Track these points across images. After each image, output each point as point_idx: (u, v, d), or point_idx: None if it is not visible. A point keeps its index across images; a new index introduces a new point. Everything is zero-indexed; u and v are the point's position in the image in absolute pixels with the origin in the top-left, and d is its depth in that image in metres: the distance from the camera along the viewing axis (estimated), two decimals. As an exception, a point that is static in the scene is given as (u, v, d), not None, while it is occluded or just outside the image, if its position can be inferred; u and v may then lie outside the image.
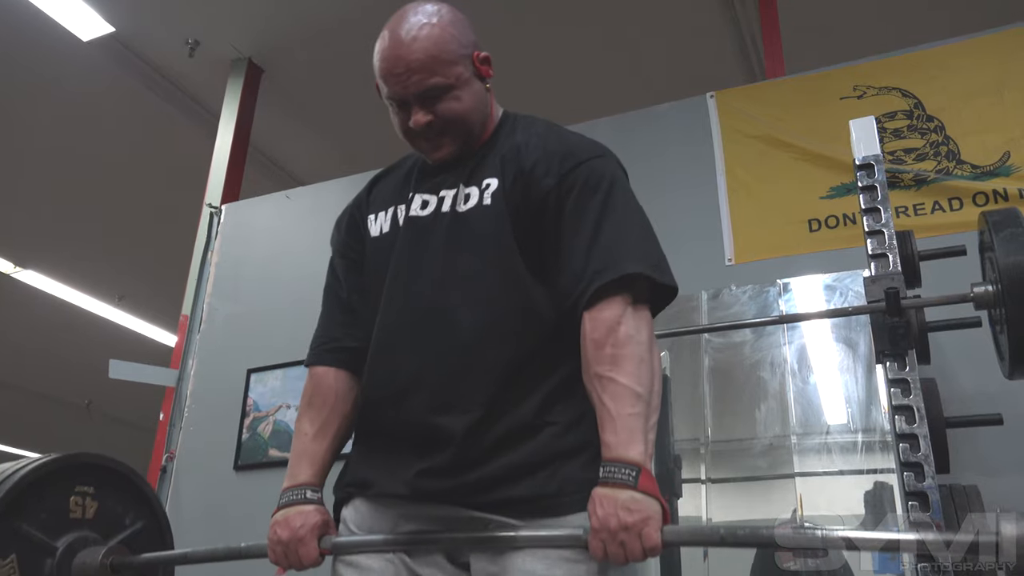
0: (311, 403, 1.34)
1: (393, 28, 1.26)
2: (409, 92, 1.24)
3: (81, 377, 8.31)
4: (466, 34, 1.28)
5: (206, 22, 4.56)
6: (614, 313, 1.14)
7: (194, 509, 3.66)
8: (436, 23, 1.24)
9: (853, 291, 2.57)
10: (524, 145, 1.28)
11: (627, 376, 1.10)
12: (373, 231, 1.35)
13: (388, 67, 1.25)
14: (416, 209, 1.30)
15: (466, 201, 1.26)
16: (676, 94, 3.49)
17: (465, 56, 1.26)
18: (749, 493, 2.63)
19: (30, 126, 5.36)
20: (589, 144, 1.30)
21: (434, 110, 1.24)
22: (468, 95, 1.26)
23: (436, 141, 1.27)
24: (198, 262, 4.24)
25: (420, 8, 1.27)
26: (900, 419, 1.87)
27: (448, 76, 1.23)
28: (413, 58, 1.21)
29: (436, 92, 1.23)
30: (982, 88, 2.87)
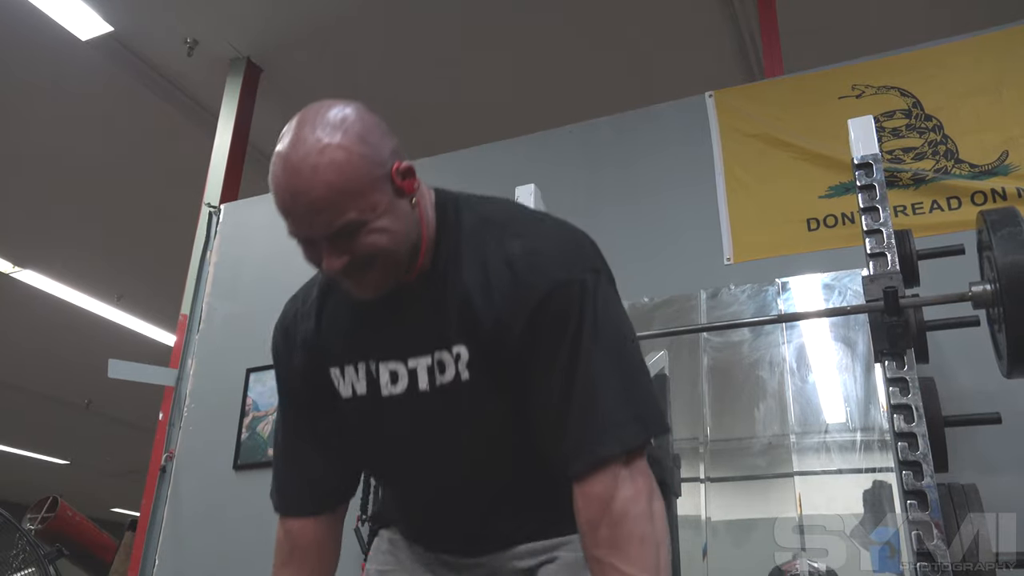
0: (291, 557, 1.22)
1: (288, 151, 1.01)
2: (316, 233, 1.02)
3: (80, 377, 8.31)
4: (381, 147, 1.03)
5: (205, 21, 4.56)
6: (606, 486, 1.01)
7: (193, 509, 3.67)
8: (341, 143, 0.99)
9: (852, 290, 2.57)
10: (480, 291, 1.07)
11: (628, 562, 0.99)
12: (343, 391, 1.18)
13: (286, 204, 1.02)
14: (387, 384, 1.13)
15: (442, 371, 1.10)
16: (675, 93, 3.49)
17: (382, 177, 1.02)
18: (748, 492, 2.64)
19: (29, 125, 5.35)
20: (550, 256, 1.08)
21: (350, 249, 1.02)
22: (391, 223, 1.03)
23: (359, 280, 1.06)
24: (197, 262, 4.24)
25: (320, 119, 1.01)
26: (899, 418, 1.87)
27: (362, 210, 1.00)
28: (316, 194, 0.98)
29: (349, 229, 1.01)
30: (980, 87, 2.87)
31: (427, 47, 4.73)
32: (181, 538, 3.63)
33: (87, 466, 12.60)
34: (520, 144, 3.68)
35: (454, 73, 4.93)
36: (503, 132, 3.82)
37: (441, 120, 5.18)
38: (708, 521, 2.52)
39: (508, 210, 1.17)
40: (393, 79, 4.93)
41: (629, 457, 1.03)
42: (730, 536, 2.53)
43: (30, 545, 3.38)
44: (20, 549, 3.36)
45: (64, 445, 11.95)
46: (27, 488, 10.29)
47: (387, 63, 4.83)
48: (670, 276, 3.04)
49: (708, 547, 2.49)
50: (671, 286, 2.96)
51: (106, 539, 5.29)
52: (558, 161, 3.52)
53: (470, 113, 5.17)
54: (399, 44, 4.70)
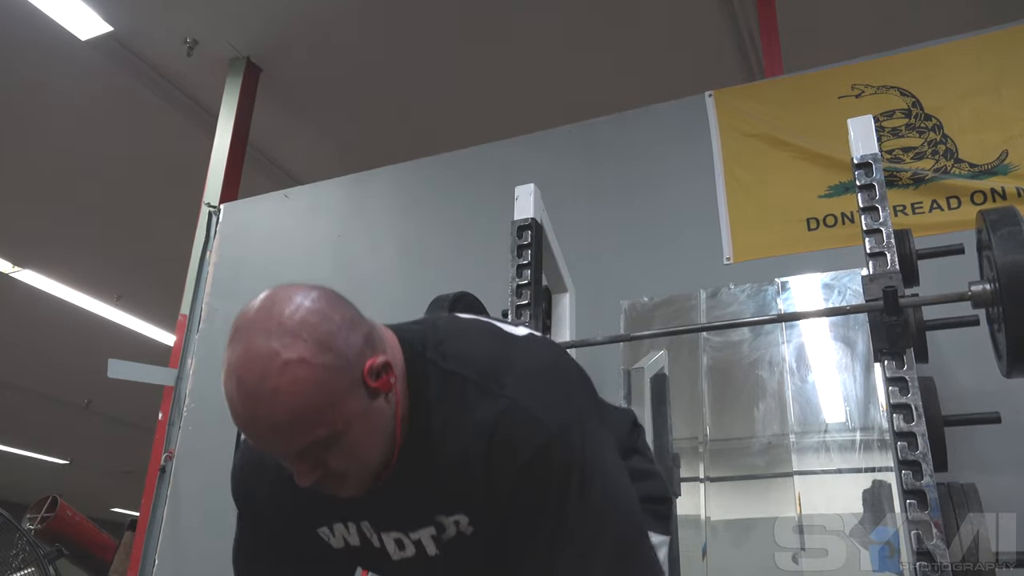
0: None
1: (241, 372, 0.88)
2: (284, 453, 0.92)
3: (80, 377, 8.32)
4: (348, 349, 0.90)
5: (204, 21, 4.56)
6: None
7: (193, 508, 3.67)
8: (303, 356, 0.86)
9: (851, 290, 2.57)
10: (463, 462, 0.98)
11: None
12: (335, 544, 1.11)
13: (245, 427, 0.90)
14: (395, 551, 1.07)
15: (443, 532, 1.04)
16: (674, 93, 3.49)
17: (352, 384, 0.90)
18: (747, 491, 2.64)
19: (28, 125, 5.35)
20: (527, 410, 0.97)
21: (323, 463, 0.93)
22: (365, 432, 0.93)
23: (335, 486, 0.97)
24: (197, 261, 4.24)
25: (274, 324, 0.88)
26: (898, 417, 1.87)
27: (333, 424, 0.90)
28: (279, 420, 0.87)
29: (320, 447, 0.91)
30: (980, 87, 2.87)
31: (426, 47, 4.73)
32: (181, 538, 3.63)
33: (87, 466, 12.60)
34: (519, 144, 3.68)
35: (453, 72, 4.93)
36: (503, 132, 3.82)
37: (441, 120, 5.18)
38: (707, 521, 2.52)
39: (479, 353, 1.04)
40: (392, 79, 4.93)
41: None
42: (729, 536, 2.53)
43: (30, 545, 3.39)
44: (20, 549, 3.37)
45: (64, 445, 11.96)
46: (27, 488, 10.29)
47: (386, 63, 4.83)
48: (670, 276, 3.04)
49: (708, 547, 2.49)
50: (671, 286, 2.96)
51: (106, 539, 5.29)
52: (558, 160, 3.52)
53: (470, 113, 5.17)
54: (398, 44, 4.70)
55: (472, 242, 3.53)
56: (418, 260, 3.67)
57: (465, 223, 3.60)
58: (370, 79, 4.95)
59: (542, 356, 1.07)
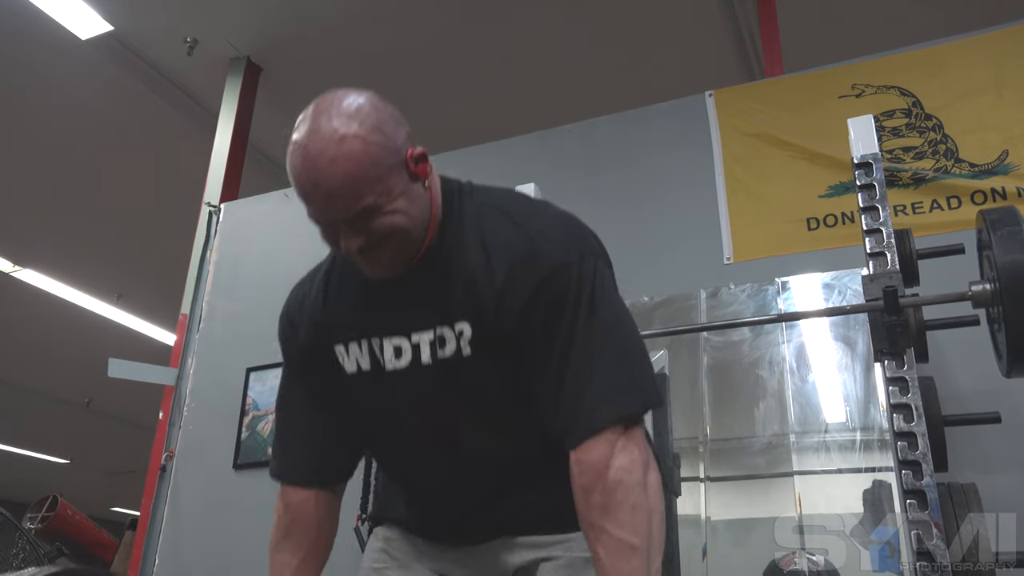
0: (289, 532, 1.24)
1: (306, 142, 1.05)
2: (335, 218, 1.07)
3: (80, 376, 8.32)
4: (395, 135, 1.09)
5: (205, 21, 4.56)
6: (601, 454, 1.04)
7: (193, 508, 3.67)
8: (357, 132, 1.04)
9: (851, 289, 2.57)
10: (482, 270, 1.11)
11: (620, 527, 1.02)
12: (348, 367, 1.21)
13: (306, 192, 1.07)
14: (391, 359, 1.16)
15: (442, 346, 1.13)
16: (674, 93, 3.49)
17: (397, 164, 1.08)
18: (748, 491, 2.64)
19: (28, 124, 5.35)
20: (550, 239, 1.12)
21: (367, 231, 1.08)
22: (406, 206, 1.09)
23: (373, 259, 1.12)
24: (197, 261, 4.24)
25: (335, 109, 1.06)
26: (898, 417, 1.87)
27: (379, 195, 1.06)
28: (335, 183, 1.03)
29: (367, 213, 1.06)
30: (981, 86, 2.87)
31: (426, 47, 4.73)
32: (181, 537, 3.63)
33: (87, 465, 12.60)
34: (519, 143, 3.68)
35: (453, 72, 4.93)
36: (502, 131, 3.82)
37: (440, 119, 5.18)
38: (708, 520, 2.53)
39: (511, 198, 1.22)
40: (392, 79, 4.93)
41: (626, 428, 1.06)
42: (730, 535, 2.53)
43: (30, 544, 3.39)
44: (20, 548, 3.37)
45: (64, 444, 11.96)
46: (27, 487, 10.31)
47: (386, 63, 4.83)
48: (670, 275, 3.04)
49: (708, 546, 2.49)
50: (671, 285, 2.96)
51: (106, 538, 5.29)
52: (558, 160, 3.52)
53: (469, 112, 5.17)
54: (398, 44, 4.70)
55: (472, 242, 3.52)
56: (418, 260, 3.66)
57: (465, 223, 3.60)
58: (369, 79, 4.94)
59: (565, 211, 1.22)
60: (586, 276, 1.10)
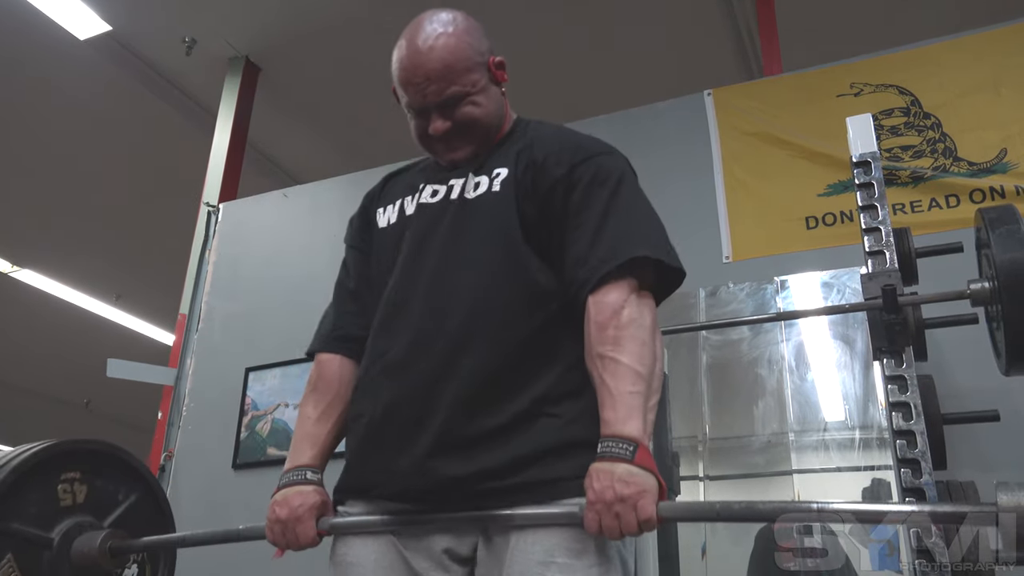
0: (315, 387, 1.36)
1: (410, 37, 1.29)
2: (428, 101, 1.28)
3: (79, 376, 8.30)
4: (481, 41, 1.32)
5: (203, 21, 4.56)
6: (619, 297, 1.16)
7: (193, 508, 3.66)
8: (452, 32, 1.28)
9: (850, 288, 2.57)
10: (537, 139, 1.32)
11: (629, 356, 1.12)
12: (381, 223, 1.39)
13: (407, 76, 1.29)
14: (426, 197, 1.33)
15: (475, 189, 1.29)
16: (673, 91, 3.49)
17: (481, 63, 1.31)
18: (747, 490, 2.64)
19: (27, 125, 5.35)
20: (600, 143, 1.33)
21: (453, 116, 1.28)
22: (485, 100, 1.31)
23: (452, 144, 1.31)
24: (196, 261, 4.24)
25: (436, 17, 1.30)
26: (897, 416, 1.87)
27: (465, 84, 1.27)
28: (431, 67, 1.25)
29: (454, 100, 1.27)
30: (979, 85, 2.87)
31: (425, 46, 4.72)
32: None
33: (86, 465, 12.59)
34: (519, 142, 3.68)
35: (452, 72, 4.93)
36: (501, 130, 3.81)
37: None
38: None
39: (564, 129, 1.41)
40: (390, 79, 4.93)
41: (641, 288, 1.19)
42: (729, 534, 2.53)
43: (29, 544, 3.39)
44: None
45: (63, 445, 11.94)
46: (26, 488, 10.28)
47: (385, 62, 4.81)
48: (669, 274, 3.03)
49: (707, 545, 2.49)
50: (670, 284, 2.95)
51: (105, 538, 5.29)
52: (557, 159, 3.51)
53: (469, 112, 5.16)
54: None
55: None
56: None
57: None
58: (368, 78, 4.93)
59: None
60: (616, 167, 1.28)
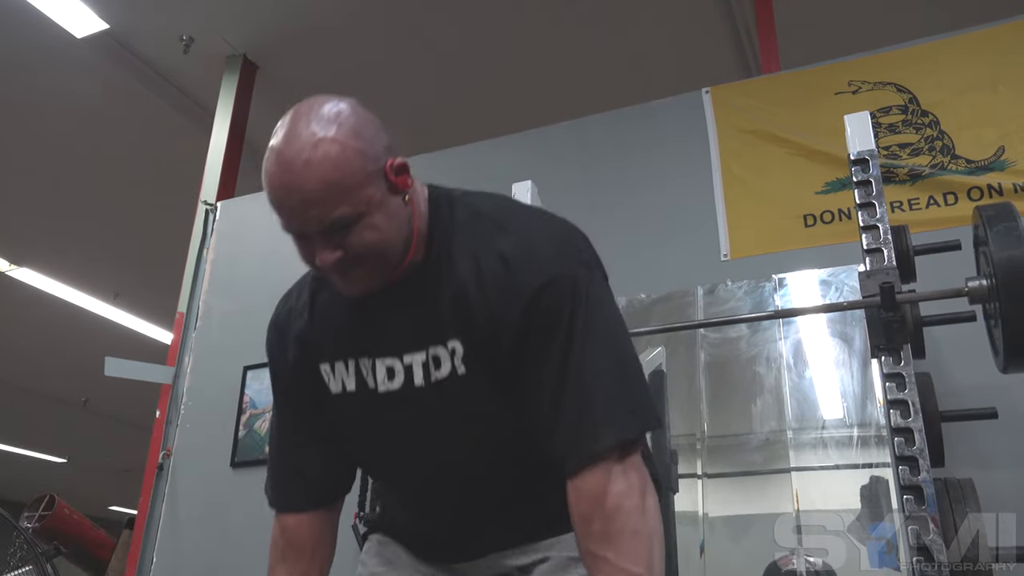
0: (285, 556, 1.22)
1: (281, 147, 1.01)
2: (309, 228, 1.02)
3: (77, 375, 8.29)
4: (375, 142, 1.03)
5: (200, 19, 4.55)
6: (598, 481, 1.01)
7: (191, 506, 3.67)
8: (335, 136, 0.99)
9: (848, 286, 2.57)
10: (472, 284, 1.07)
11: (621, 555, 0.99)
12: (333, 387, 1.17)
13: (279, 198, 1.02)
14: (384, 380, 1.13)
15: (437, 367, 1.09)
16: (671, 89, 3.49)
17: (375, 172, 1.02)
18: (745, 488, 2.64)
19: (23, 123, 5.34)
20: (542, 250, 1.07)
21: (343, 244, 1.02)
22: (384, 220, 1.03)
23: (348, 276, 1.06)
24: (194, 259, 4.23)
25: (314, 114, 1.02)
26: (895, 413, 1.87)
27: (356, 204, 1.00)
28: (309, 188, 0.98)
29: (343, 224, 1.00)
30: (977, 83, 2.87)
31: (423, 44, 4.72)
32: (179, 536, 3.63)
33: (85, 464, 12.59)
34: (516, 141, 3.68)
35: (450, 70, 4.93)
36: (499, 129, 3.81)
37: (437, 117, 5.17)
38: (705, 517, 2.53)
39: (501, 205, 1.17)
40: (389, 76, 4.92)
41: (623, 452, 1.02)
42: (728, 532, 2.54)
43: (27, 543, 3.38)
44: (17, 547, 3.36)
45: (61, 443, 11.94)
46: (24, 486, 10.28)
47: (383, 60, 4.83)
48: (667, 272, 3.04)
49: (705, 543, 2.49)
50: (668, 282, 2.96)
51: (103, 537, 5.28)
52: (555, 158, 3.52)
53: (466, 110, 5.16)
54: (395, 41, 4.69)
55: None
56: (415, 257, 3.66)
57: (462, 220, 3.59)
58: (366, 77, 4.94)
59: (558, 219, 1.17)
60: (580, 289, 1.06)
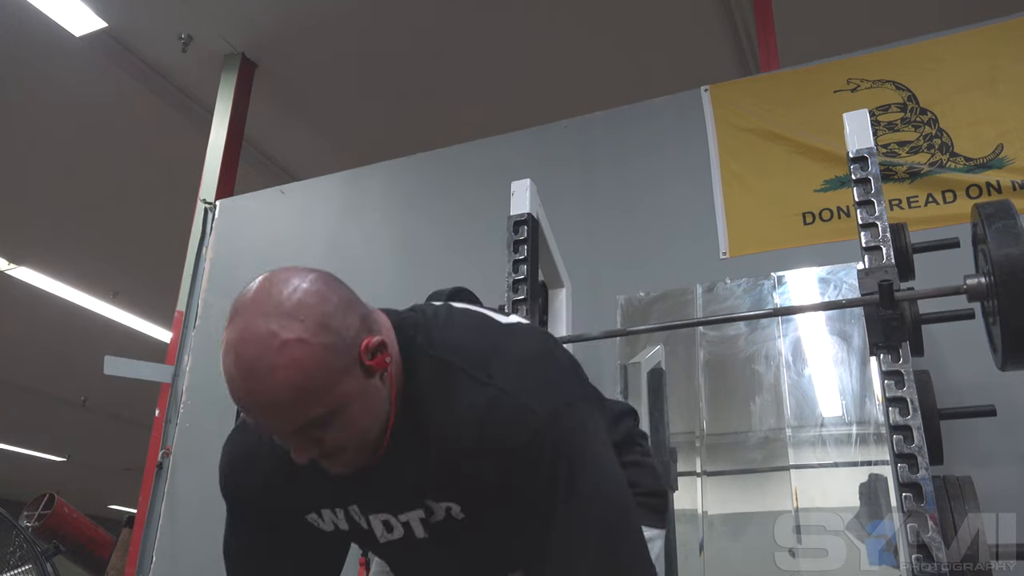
0: None
1: (240, 349, 0.89)
2: (281, 430, 0.93)
3: (77, 374, 8.31)
4: (345, 329, 0.91)
5: (199, 17, 4.55)
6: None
7: (191, 505, 3.67)
8: (300, 336, 0.87)
9: (847, 284, 2.57)
10: (452, 450, 0.99)
11: None
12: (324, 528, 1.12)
13: (244, 404, 0.91)
14: (383, 534, 1.08)
15: (432, 515, 1.05)
16: (670, 88, 3.49)
17: (349, 364, 0.91)
18: (744, 486, 2.64)
19: (22, 122, 5.34)
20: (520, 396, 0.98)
21: (320, 440, 0.94)
22: (361, 410, 0.94)
23: (330, 463, 0.98)
24: (193, 258, 4.23)
25: (272, 304, 0.90)
26: (894, 411, 1.87)
27: (330, 404, 0.91)
28: (277, 397, 0.88)
29: (317, 424, 0.92)
30: (975, 80, 2.87)
31: (422, 42, 4.72)
32: (178, 534, 3.63)
33: (84, 463, 12.59)
34: (515, 139, 3.68)
35: (449, 68, 4.92)
36: (498, 127, 3.81)
37: (436, 115, 5.17)
38: (704, 515, 2.53)
39: (467, 342, 1.05)
40: (388, 74, 4.92)
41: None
42: (727, 530, 2.54)
43: (27, 542, 3.38)
44: (17, 546, 3.36)
45: (61, 442, 11.95)
46: (24, 485, 10.29)
47: (382, 58, 4.82)
48: (666, 270, 3.04)
49: (705, 541, 2.49)
50: (667, 280, 2.96)
51: (103, 535, 5.29)
52: (553, 156, 3.51)
53: (465, 108, 5.16)
54: (394, 39, 4.69)
55: (468, 237, 3.52)
56: (414, 256, 3.66)
57: (461, 218, 3.60)
58: (366, 74, 4.94)
59: (531, 344, 1.08)
60: (563, 439, 0.97)
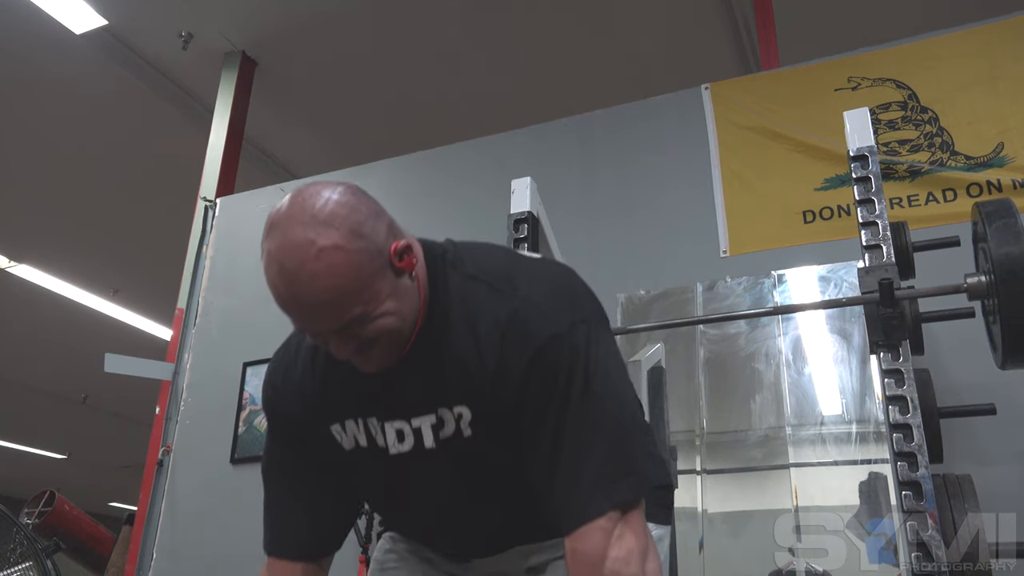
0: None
1: (281, 258, 0.96)
2: (324, 328, 1.01)
3: (77, 371, 8.30)
4: (376, 234, 1.00)
5: (199, 15, 4.54)
6: (596, 544, 0.99)
7: (191, 503, 3.67)
8: (336, 242, 0.95)
9: (847, 282, 2.57)
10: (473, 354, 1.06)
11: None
12: (346, 444, 1.17)
13: (288, 309, 1.00)
14: (395, 443, 1.13)
15: (442, 427, 1.10)
16: (671, 86, 3.49)
17: (382, 266, 1.00)
18: (744, 484, 2.64)
19: (22, 119, 5.33)
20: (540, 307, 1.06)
21: (358, 336, 1.02)
22: (395, 306, 1.02)
23: (365, 357, 1.05)
24: (193, 256, 4.24)
25: (307, 216, 0.96)
26: (894, 409, 1.87)
27: (367, 303, 0.99)
28: (319, 301, 0.96)
29: (356, 322, 1.00)
30: (976, 79, 2.87)
31: (422, 40, 4.72)
32: (178, 532, 3.64)
33: (85, 460, 12.60)
34: (516, 137, 3.68)
35: (450, 66, 4.92)
36: (499, 125, 3.81)
37: (437, 114, 5.17)
38: (704, 513, 2.53)
39: (498, 262, 1.14)
40: (388, 73, 4.92)
41: (623, 513, 1.00)
42: (727, 528, 2.54)
43: (27, 539, 3.38)
44: (17, 543, 3.36)
45: (61, 439, 11.95)
46: (25, 482, 10.29)
47: (382, 57, 4.82)
48: (666, 269, 3.04)
49: (704, 539, 2.49)
50: (667, 279, 2.96)
51: (103, 533, 5.29)
52: (554, 154, 3.51)
53: (465, 106, 5.16)
54: (394, 37, 4.69)
55: (468, 235, 3.49)
56: (415, 254, 3.66)
57: (461, 217, 3.60)
58: (365, 73, 4.94)
59: (553, 269, 1.17)
60: (579, 347, 1.04)
